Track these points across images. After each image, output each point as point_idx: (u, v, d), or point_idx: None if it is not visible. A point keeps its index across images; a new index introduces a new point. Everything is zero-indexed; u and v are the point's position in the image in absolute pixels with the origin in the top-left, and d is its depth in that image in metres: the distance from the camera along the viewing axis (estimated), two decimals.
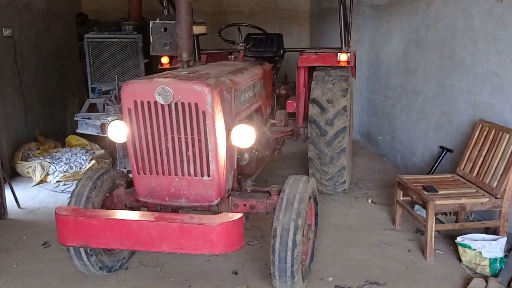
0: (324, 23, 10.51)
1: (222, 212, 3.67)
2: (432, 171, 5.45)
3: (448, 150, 5.32)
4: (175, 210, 3.64)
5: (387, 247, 4.39)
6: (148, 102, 3.24)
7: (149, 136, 3.34)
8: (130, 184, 3.95)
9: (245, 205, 3.65)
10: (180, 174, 3.38)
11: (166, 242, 2.88)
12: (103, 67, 7.64)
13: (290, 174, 3.69)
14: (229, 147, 3.46)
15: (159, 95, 3.20)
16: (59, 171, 6.74)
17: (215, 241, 2.83)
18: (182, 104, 3.19)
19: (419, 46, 6.07)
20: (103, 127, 6.72)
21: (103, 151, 7.62)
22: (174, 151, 3.32)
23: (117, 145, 6.79)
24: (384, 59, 7.24)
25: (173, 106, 3.21)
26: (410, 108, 6.37)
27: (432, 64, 5.73)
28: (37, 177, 6.61)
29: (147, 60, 7.83)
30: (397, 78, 6.78)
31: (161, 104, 3.22)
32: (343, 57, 5.18)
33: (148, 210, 3.80)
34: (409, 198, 4.58)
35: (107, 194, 3.86)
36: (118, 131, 3.57)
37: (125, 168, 6.90)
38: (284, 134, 5.48)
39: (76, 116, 7.34)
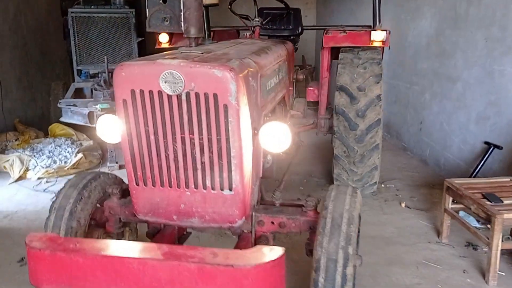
0: (334, 0, 9.62)
1: (243, 232, 2.89)
2: (477, 171, 4.69)
3: (496, 146, 4.56)
4: (182, 231, 2.84)
5: (437, 267, 3.64)
6: (150, 92, 2.41)
7: (152, 136, 2.51)
8: (125, 192, 3.14)
9: (272, 222, 2.86)
10: (193, 186, 2.56)
11: None
12: (90, 47, 6.77)
13: (306, 171, 2.90)
14: (256, 152, 2.65)
15: (165, 82, 2.36)
16: (40, 166, 5.90)
17: None
18: (196, 94, 2.37)
19: (457, 25, 5.25)
20: (90, 116, 5.90)
21: (91, 142, 6.77)
22: (184, 156, 2.51)
23: None
24: (411, 40, 6.42)
25: (183, 97, 2.38)
26: (444, 97, 5.59)
27: (475, 46, 4.92)
28: (15, 173, 5.76)
29: (140, 39, 6.94)
30: (427, 61, 5.98)
31: (168, 95, 2.38)
32: (378, 35, 4.35)
33: (148, 228, 3.00)
34: (459, 206, 3.82)
35: (97, 205, 3.05)
36: (109, 128, 2.74)
37: (116, 162, 6.08)
38: (307, 128, 4.68)
39: (60, 102, 6.51)
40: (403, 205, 4.79)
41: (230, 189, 2.53)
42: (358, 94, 4.40)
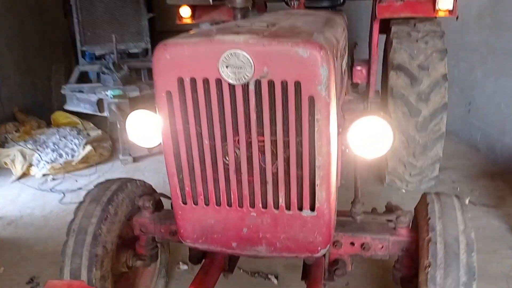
0: None
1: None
2: None
3: None
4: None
5: None
6: (205, 81, 1.76)
7: (206, 141, 1.86)
8: (158, 205, 2.52)
9: (352, 243, 2.25)
10: (260, 205, 1.93)
11: None
12: (95, 25, 6.11)
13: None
14: (339, 158, 2.00)
15: (227, 67, 1.70)
16: (45, 161, 5.26)
17: None
18: (270, 83, 1.71)
19: None
20: (100, 104, 5.22)
21: (99, 131, 6.12)
22: (250, 166, 1.86)
23: (118, 124, 5.28)
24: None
25: (251, 87, 1.73)
26: (502, 74, 4.92)
27: None
28: (18, 169, 5.13)
29: (151, 15, 6.20)
30: (479, 34, 5.29)
31: (230, 84, 1.73)
32: (445, 2, 3.65)
33: (191, 251, 2.38)
34: None
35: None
36: (145, 128, 2.09)
37: (130, 154, 5.43)
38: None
39: (64, 88, 5.84)
40: (466, 201, 4.17)
41: (312, 209, 1.89)
42: (420, 74, 3.73)
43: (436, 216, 2.08)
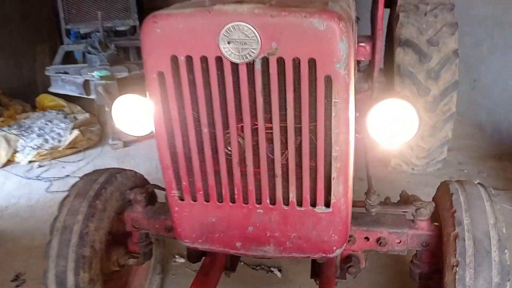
0: None
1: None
2: None
3: None
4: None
5: None
6: (203, 59, 1.51)
7: (205, 129, 1.61)
8: (152, 198, 2.28)
9: (367, 238, 2.03)
10: (268, 201, 1.70)
11: None
12: (80, 1, 5.70)
13: None
14: (356, 147, 1.77)
15: (229, 42, 1.45)
16: (30, 146, 5.00)
17: None
18: (280, 61, 1.47)
19: None
20: (86, 86, 4.94)
21: (87, 114, 5.83)
22: (256, 156, 1.63)
23: (106, 107, 4.99)
24: None
25: (258, 66, 1.48)
26: (509, 49, 4.71)
27: None
28: (2, 157, 4.88)
29: None
30: (485, 8, 5.05)
31: (233, 63, 1.48)
32: None
33: (189, 249, 2.16)
34: None
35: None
36: (134, 115, 1.84)
37: (119, 139, 5.16)
38: (362, 95, 3.76)
39: (48, 69, 5.51)
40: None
41: (327, 205, 1.67)
42: (429, 50, 3.49)
43: (463, 208, 1.86)
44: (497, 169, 4.27)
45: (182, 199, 1.77)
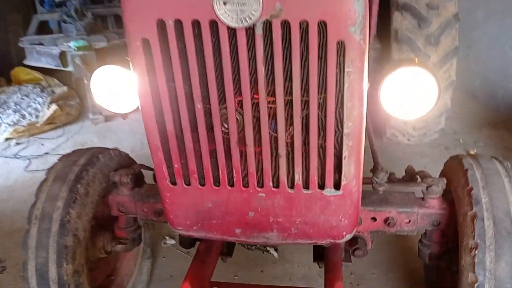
0: None
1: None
2: None
3: None
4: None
5: None
6: (195, 23, 1.29)
7: (199, 104, 1.41)
8: (138, 179, 2.09)
9: (374, 218, 1.88)
10: (270, 184, 1.53)
11: None
12: None
13: None
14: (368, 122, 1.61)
15: (225, 3, 1.24)
16: (7, 123, 4.74)
17: None
18: (284, 24, 1.26)
19: None
20: (63, 57, 4.64)
21: (65, 88, 5.56)
22: (256, 134, 1.44)
23: (85, 79, 4.72)
24: None
25: (259, 31, 1.27)
26: (507, 14, 4.52)
27: None
28: None
29: None
30: None
31: (229, 27, 1.27)
32: None
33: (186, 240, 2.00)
34: None
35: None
36: (115, 88, 1.62)
37: (100, 113, 4.91)
38: None
39: (22, 40, 5.18)
40: (472, 153, 3.87)
41: (337, 187, 1.50)
42: (428, 14, 3.29)
43: (480, 185, 1.72)
44: (494, 138, 4.16)
45: (174, 183, 1.58)
